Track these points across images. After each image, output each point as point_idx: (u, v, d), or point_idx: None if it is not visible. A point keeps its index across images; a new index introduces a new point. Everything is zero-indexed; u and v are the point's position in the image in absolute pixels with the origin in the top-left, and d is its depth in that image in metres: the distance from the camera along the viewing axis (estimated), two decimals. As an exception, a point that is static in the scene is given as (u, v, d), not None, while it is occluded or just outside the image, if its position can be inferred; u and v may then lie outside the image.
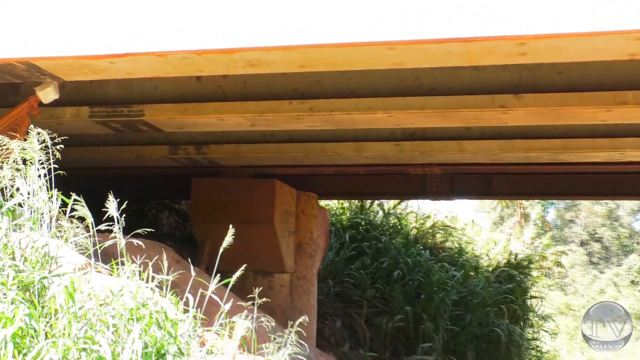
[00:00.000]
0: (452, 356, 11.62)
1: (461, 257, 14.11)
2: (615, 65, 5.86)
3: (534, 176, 10.93)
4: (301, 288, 10.62)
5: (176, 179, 11.10)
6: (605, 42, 4.26)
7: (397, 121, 7.06)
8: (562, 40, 4.24)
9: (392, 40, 4.35)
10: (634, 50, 4.39)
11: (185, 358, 3.61)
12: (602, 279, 48.46)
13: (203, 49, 4.68)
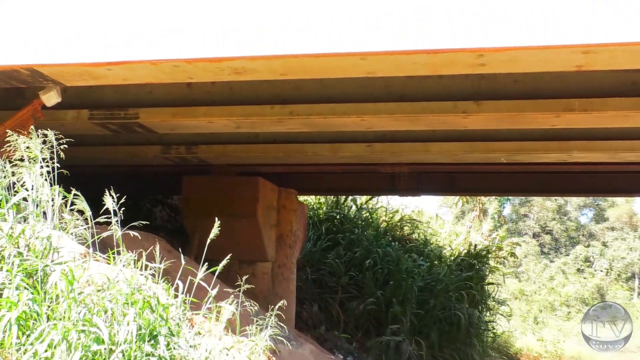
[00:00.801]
0: (417, 337, 11.66)
1: (426, 248, 14.17)
2: (564, 76, 5.93)
3: (492, 175, 11.00)
4: (282, 275, 10.63)
5: (169, 176, 11.05)
6: (555, 54, 4.30)
7: (369, 125, 7.08)
8: (517, 52, 4.27)
9: (365, 51, 4.35)
10: (580, 62, 4.43)
11: (175, 338, 3.60)
12: (552, 267, 48.91)
13: (193, 57, 4.66)
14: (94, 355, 3.21)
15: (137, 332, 3.34)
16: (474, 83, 6.21)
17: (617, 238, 53.66)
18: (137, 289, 3.62)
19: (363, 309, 11.60)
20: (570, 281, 46.90)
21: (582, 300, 45.57)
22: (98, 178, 7.38)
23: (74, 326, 3.20)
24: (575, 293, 44.97)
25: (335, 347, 10.57)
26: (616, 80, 5.96)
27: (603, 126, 7.01)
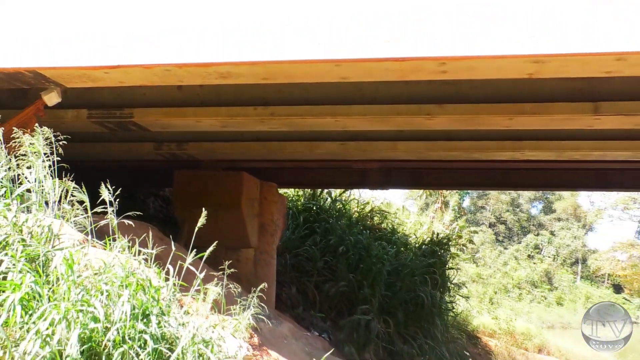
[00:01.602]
0: (385, 316, 11.72)
1: (394, 236, 14.23)
2: (517, 82, 5.98)
3: (453, 171, 11.07)
4: (263, 261, 10.63)
5: (161, 170, 10.98)
6: (509, 63, 4.34)
7: (343, 125, 7.09)
8: (475, 61, 4.30)
9: (339, 58, 4.36)
10: (531, 70, 4.47)
11: (166, 317, 3.59)
12: (506, 253, 49.47)
13: (183, 62, 4.65)
14: (92, 333, 3.20)
15: (131, 312, 3.32)
16: (437, 88, 6.24)
17: (563, 228, 54.42)
18: (131, 273, 3.61)
19: (336, 291, 11.62)
20: (521, 266, 47.49)
21: (532, 283, 46.20)
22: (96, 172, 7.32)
23: (73, 306, 3.18)
24: (526, 277, 45.55)
25: (311, 325, 10.59)
26: (563, 87, 6.03)
27: (551, 128, 7.08)
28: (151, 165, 10.88)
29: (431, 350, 12.26)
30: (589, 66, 4.38)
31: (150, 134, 8.00)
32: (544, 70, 4.48)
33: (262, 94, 6.61)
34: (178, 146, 9.10)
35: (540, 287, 46.66)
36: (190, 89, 6.71)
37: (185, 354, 3.36)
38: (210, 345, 3.63)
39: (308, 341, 7.75)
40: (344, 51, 4.30)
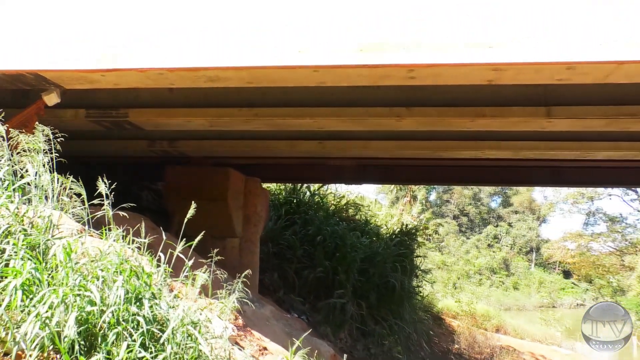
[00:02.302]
0: (359, 299, 11.77)
1: (367, 227, 14.27)
2: (478, 88, 6.02)
3: (421, 168, 11.14)
4: (248, 249, 10.61)
5: (154, 166, 10.88)
6: (471, 71, 4.37)
7: (320, 125, 7.09)
8: (440, 68, 4.34)
9: (317, 64, 4.37)
10: (491, 77, 4.52)
11: (157, 301, 3.57)
12: (468, 243, 49.91)
13: (174, 67, 4.63)
14: (88, 315, 3.17)
15: (125, 296, 3.31)
16: (405, 93, 6.27)
17: (519, 220, 55.03)
18: (125, 260, 3.59)
19: (314, 276, 11.65)
20: (482, 254, 47.95)
21: (491, 269, 46.67)
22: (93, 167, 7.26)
23: (71, 291, 3.16)
24: (486, 264, 46.01)
25: (291, 308, 10.61)
26: (519, 92, 6.10)
27: (508, 129, 7.15)
28: (145, 161, 10.80)
29: (400, 330, 12.34)
30: (542, 74, 4.44)
31: (144, 132, 7.94)
32: (502, 77, 4.53)
33: (247, 96, 6.59)
34: (170, 144, 9.04)
35: (498, 273, 47.13)
36: (181, 91, 6.67)
37: (175, 334, 3.35)
38: (198, 326, 3.62)
39: (288, 322, 7.76)
40: (322, 58, 4.32)
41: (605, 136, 7.57)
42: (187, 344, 3.41)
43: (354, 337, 11.26)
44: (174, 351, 3.28)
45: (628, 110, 6.12)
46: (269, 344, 5.72)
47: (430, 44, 4.19)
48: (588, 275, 43.06)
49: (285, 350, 5.51)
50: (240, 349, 4.76)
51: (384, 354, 11.35)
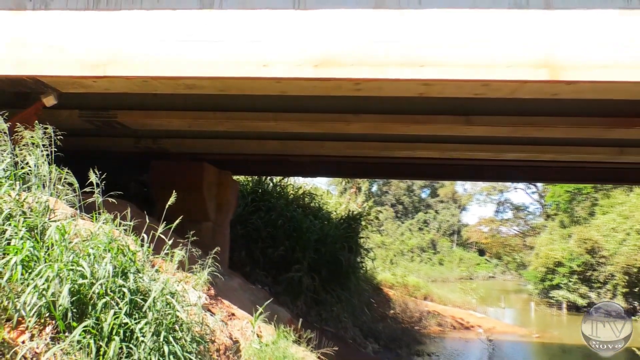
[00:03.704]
0: (313, 273, 11.79)
1: (320, 213, 14.28)
2: (412, 99, 6.08)
3: (365, 164, 11.24)
4: (219, 231, 10.51)
5: (140, 159, 10.60)
6: (406, 85, 4.43)
7: (283, 128, 7.08)
8: (381, 83, 4.38)
9: (279, 77, 4.36)
10: (422, 91, 4.60)
11: (141, 275, 3.51)
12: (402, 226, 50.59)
13: (157, 75, 4.54)
14: (80, 287, 3.10)
15: (113, 270, 3.24)
16: (354, 102, 6.30)
17: (444, 208, 56.16)
18: (113, 240, 3.52)
19: (276, 254, 11.62)
20: (414, 236, 48.73)
21: (421, 248, 47.48)
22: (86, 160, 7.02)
23: (65, 266, 3.08)
24: (417, 244, 46.80)
25: (256, 281, 10.55)
26: (445, 104, 6.20)
27: (436, 134, 7.28)
28: (132, 156, 10.52)
29: (346, 299, 12.43)
30: (463, 89, 4.54)
31: (131, 131, 7.75)
32: (431, 91, 4.61)
33: (220, 102, 6.52)
34: (153, 141, 8.86)
35: (427, 251, 48.01)
36: (164, 96, 6.51)
37: (156, 303, 3.30)
38: (176, 296, 3.58)
39: (253, 293, 7.73)
40: (283, 72, 4.31)
41: (513, 141, 7.80)
42: (166, 311, 3.36)
43: (308, 305, 11.30)
44: (154, 317, 3.23)
45: (530, 120, 6.33)
46: (236, 311, 5.69)
47: (373, 62, 4.23)
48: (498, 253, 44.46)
49: (250, 316, 5.50)
50: (212, 315, 4.72)
51: (333, 318, 11.43)
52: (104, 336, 2.99)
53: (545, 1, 4.23)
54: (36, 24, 4.69)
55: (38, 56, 4.61)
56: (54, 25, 4.67)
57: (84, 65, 4.57)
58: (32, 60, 4.62)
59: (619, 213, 22.61)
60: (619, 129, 6.39)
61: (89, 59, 4.57)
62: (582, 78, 4.14)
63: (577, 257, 22.85)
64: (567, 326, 20.24)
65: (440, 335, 15.85)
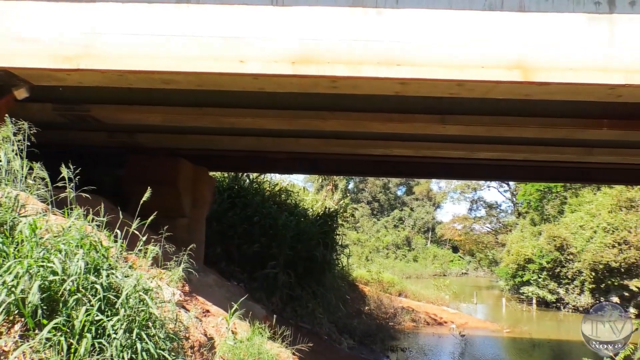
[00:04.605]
0: (288, 270, 11.79)
1: (296, 209, 14.28)
2: (388, 98, 6.11)
3: (342, 161, 11.27)
4: (195, 227, 10.41)
5: (115, 154, 10.41)
6: (382, 83, 4.45)
7: (260, 124, 7.04)
8: (358, 81, 4.39)
9: (256, 73, 4.33)
10: (398, 89, 4.62)
11: (114, 271, 3.46)
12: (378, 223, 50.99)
13: (132, 69, 4.46)
14: (50, 284, 3.03)
15: (85, 267, 3.18)
16: (330, 99, 6.31)
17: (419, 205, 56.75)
18: (86, 236, 3.45)
19: (252, 250, 11.58)
20: (389, 233, 49.13)
21: (396, 245, 47.91)
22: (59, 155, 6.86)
23: (35, 262, 3.01)
24: (392, 241, 47.21)
25: (232, 277, 10.50)
26: (421, 102, 6.26)
27: (411, 132, 7.35)
28: (107, 150, 10.33)
29: (322, 295, 12.46)
30: (438, 88, 4.59)
31: (105, 125, 7.60)
32: (407, 90, 4.64)
33: (197, 97, 6.44)
34: (128, 136, 8.70)
35: (402, 248, 48.47)
36: (139, 90, 6.41)
37: (128, 300, 3.25)
38: (150, 292, 3.53)
39: (228, 289, 7.69)
40: (260, 68, 4.28)
41: (486, 140, 7.92)
42: (139, 308, 3.32)
43: (284, 301, 11.30)
44: (127, 314, 3.19)
45: (503, 120, 6.44)
46: (211, 307, 5.66)
47: (350, 60, 4.24)
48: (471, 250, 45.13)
49: (225, 312, 5.47)
50: (186, 312, 4.68)
51: (308, 314, 11.46)
52: (75, 333, 2.94)
53: (519, 4, 4.30)
54: (7, 15, 4.55)
55: (9, 48, 4.48)
56: (26, 16, 4.55)
57: (57, 58, 4.46)
58: (2, 52, 4.49)
59: (586, 211, 23.21)
60: (588, 130, 6.55)
61: (62, 51, 4.46)
62: (553, 80, 4.23)
63: (546, 254, 23.37)
64: (537, 321, 20.72)
65: (414, 330, 16.03)
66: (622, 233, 20.60)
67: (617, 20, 4.22)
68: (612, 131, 6.45)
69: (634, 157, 8.53)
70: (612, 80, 4.18)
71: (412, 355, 12.86)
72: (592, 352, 5.41)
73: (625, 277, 20.36)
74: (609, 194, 22.33)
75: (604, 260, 20.65)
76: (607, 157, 8.64)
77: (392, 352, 12.43)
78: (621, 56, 4.18)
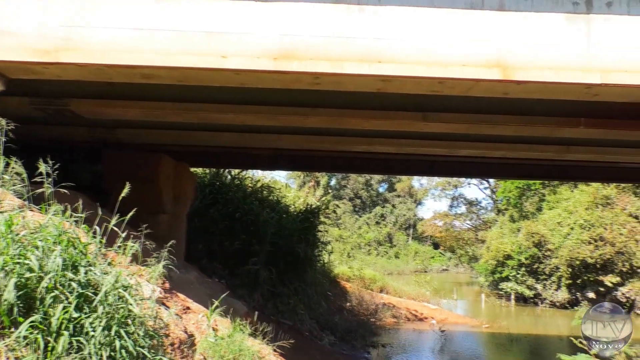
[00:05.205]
0: (270, 266, 11.77)
1: (278, 206, 14.23)
2: (371, 95, 6.10)
3: (324, 158, 11.26)
4: (176, 224, 10.33)
5: (94, 149, 10.25)
6: (364, 80, 4.47)
7: (241, 120, 7.01)
8: (341, 77, 4.41)
9: (238, 68, 4.31)
10: (380, 86, 4.65)
11: (93, 268, 3.41)
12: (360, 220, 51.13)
13: (112, 63, 4.40)
14: (27, 281, 2.98)
15: (63, 264, 3.14)
16: (312, 95, 6.29)
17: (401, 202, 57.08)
18: (64, 232, 3.40)
19: (233, 247, 11.53)
20: (371, 229, 49.31)
21: (378, 242, 48.14)
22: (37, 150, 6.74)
23: (11, 259, 2.95)
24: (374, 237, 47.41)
25: (213, 274, 10.43)
26: (404, 100, 6.28)
27: (394, 129, 7.37)
28: (86, 145, 10.17)
29: (303, 292, 12.47)
30: (420, 86, 4.62)
31: (84, 120, 7.47)
32: (389, 87, 4.67)
33: (178, 92, 6.37)
34: (108, 131, 8.58)
35: (384, 245, 48.71)
36: (120, 85, 6.31)
37: (107, 297, 3.22)
38: (129, 289, 3.50)
39: (209, 286, 7.65)
40: (242, 64, 4.26)
41: (467, 137, 8.00)
42: (118, 305, 3.28)
43: (265, 298, 11.28)
44: (106, 311, 3.15)
45: (484, 118, 6.51)
46: (192, 304, 5.62)
47: (332, 57, 4.25)
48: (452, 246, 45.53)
49: (206, 309, 5.44)
50: (166, 309, 4.65)
51: (290, 310, 11.46)
52: (52, 331, 2.90)
53: (499, 3, 4.35)
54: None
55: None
56: (2, 6, 4.45)
57: (35, 51, 4.38)
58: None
59: (564, 208, 23.61)
60: (566, 128, 6.67)
61: (40, 44, 4.38)
62: (531, 79, 4.29)
63: (525, 251, 23.73)
64: (515, 317, 21.03)
65: (394, 326, 16.15)
66: (598, 230, 21.00)
67: (594, 21, 4.30)
68: (589, 130, 6.57)
69: (610, 155, 8.71)
70: (589, 80, 4.26)
71: (392, 351, 12.96)
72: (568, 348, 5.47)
73: (601, 273, 20.78)
74: (585, 192, 22.74)
75: (580, 256, 21.04)
76: (584, 155, 8.80)
77: (373, 348, 12.51)
78: (598, 56, 4.27)
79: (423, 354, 13.74)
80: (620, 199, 21.62)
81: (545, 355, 12.61)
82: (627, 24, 4.32)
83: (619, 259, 20.40)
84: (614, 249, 20.42)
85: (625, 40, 4.30)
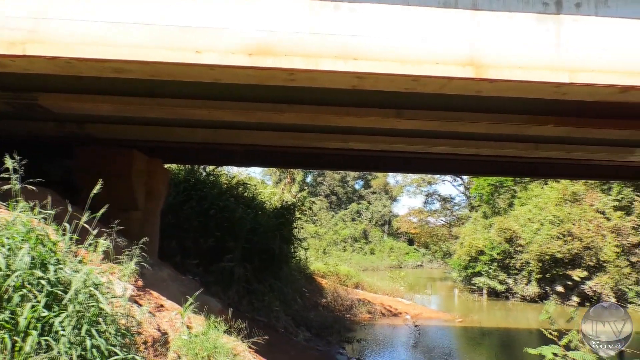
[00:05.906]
0: (245, 263, 11.72)
1: (253, 202, 14.17)
2: (346, 91, 6.09)
3: (299, 154, 11.26)
4: (149, 220, 10.20)
5: (65, 145, 10.02)
6: (339, 77, 4.48)
7: (216, 116, 6.94)
8: (315, 74, 4.40)
9: (212, 64, 4.27)
10: (355, 83, 4.66)
11: (62, 266, 3.35)
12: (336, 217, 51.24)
13: (82, 57, 4.30)
14: (-7, 279, 2.90)
15: (31, 262, 3.07)
16: (288, 92, 6.27)
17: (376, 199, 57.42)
18: (32, 229, 3.32)
19: (208, 244, 11.44)
20: (347, 226, 49.46)
21: (354, 238, 48.32)
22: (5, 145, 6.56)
23: (-24, 257, 2.87)
24: (350, 234, 47.60)
25: (187, 271, 10.32)
26: (379, 97, 6.30)
27: (368, 126, 7.40)
28: (56, 140, 9.93)
29: (278, 289, 12.45)
30: (395, 83, 4.65)
31: (53, 114, 7.30)
32: (364, 84, 4.69)
33: (151, 87, 6.27)
34: (78, 126, 8.41)
35: (359, 241, 48.89)
36: (90, 79, 6.18)
37: (77, 295, 3.16)
38: (100, 287, 3.44)
39: (183, 283, 7.57)
40: (216, 59, 4.22)
41: (441, 135, 8.10)
42: (89, 304, 3.23)
43: (240, 294, 11.22)
44: (76, 310, 3.09)
45: (456, 115, 6.59)
46: (165, 302, 5.56)
47: (307, 53, 4.24)
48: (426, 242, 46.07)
49: (180, 307, 5.39)
50: (139, 307, 4.59)
51: (265, 307, 11.42)
52: (20, 331, 2.83)
53: (472, 2, 4.41)
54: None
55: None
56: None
57: (1, 43, 4.25)
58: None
59: (534, 204, 24.12)
60: (535, 126, 6.81)
61: (5, 36, 4.25)
62: (502, 77, 4.37)
63: (497, 246, 24.17)
64: (487, 311, 21.44)
65: (369, 322, 16.27)
66: (567, 225, 21.54)
67: (564, 21, 4.40)
68: (558, 128, 6.72)
69: (578, 153, 8.94)
70: (558, 79, 4.36)
71: (367, 346, 13.05)
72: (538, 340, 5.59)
73: (569, 267, 21.32)
74: (555, 188, 23.28)
75: (549, 251, 21.54)
76: (553, 152, 9.01)
77: (348, 344, 12.57)
78: (567, 55, 4.37)
79: (397, 348, 13.89)
80: (588, 195, 22.20)
81: (515, 347, 12.88)
82: (594, 24, 4.43)
83: (586, 254, 20.96)
84: (582, 244, 20.97)
85: (592, 40, 4.42)
